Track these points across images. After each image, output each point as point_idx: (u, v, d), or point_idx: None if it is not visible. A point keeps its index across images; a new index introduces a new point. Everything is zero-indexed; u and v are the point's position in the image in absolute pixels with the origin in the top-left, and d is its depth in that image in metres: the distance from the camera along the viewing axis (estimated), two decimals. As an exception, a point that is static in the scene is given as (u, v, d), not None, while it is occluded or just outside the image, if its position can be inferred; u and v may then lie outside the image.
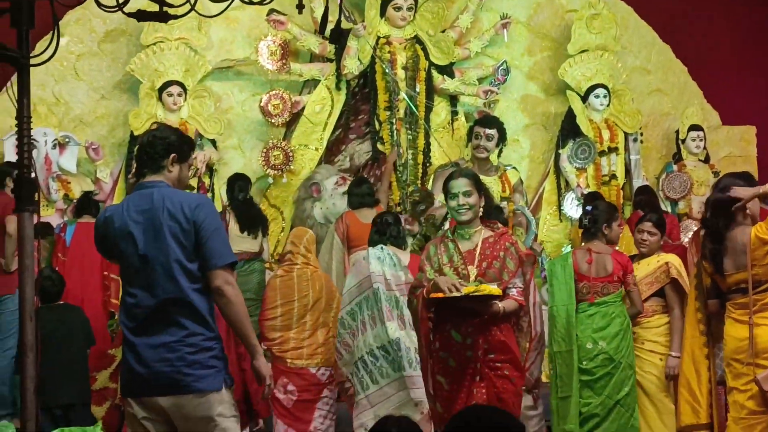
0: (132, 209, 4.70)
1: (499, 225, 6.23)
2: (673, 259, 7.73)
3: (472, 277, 5.88)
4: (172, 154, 4.75)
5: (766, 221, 6.06)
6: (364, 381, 7.39)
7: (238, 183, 10.07)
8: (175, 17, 4.42)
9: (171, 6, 4.43)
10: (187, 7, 4.24)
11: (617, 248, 8.18)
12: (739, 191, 6.18)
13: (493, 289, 5.72)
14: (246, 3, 4.36)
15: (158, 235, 4.63)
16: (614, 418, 7.36)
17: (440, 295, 5.76)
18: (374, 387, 7.35)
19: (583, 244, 7.88)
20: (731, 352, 6.24)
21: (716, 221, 6.25)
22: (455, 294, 5.71)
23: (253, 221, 9.93)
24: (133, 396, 4.71)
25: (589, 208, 7.94)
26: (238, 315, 4.71)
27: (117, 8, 4.21)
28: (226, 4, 4.35)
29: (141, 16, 4.41)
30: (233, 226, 9.81)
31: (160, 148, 4.74)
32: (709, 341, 6.58)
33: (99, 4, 4.30)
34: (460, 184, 5.93)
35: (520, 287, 5.94)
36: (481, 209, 6.03)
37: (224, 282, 4.66)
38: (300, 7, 4.51)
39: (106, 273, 9.32)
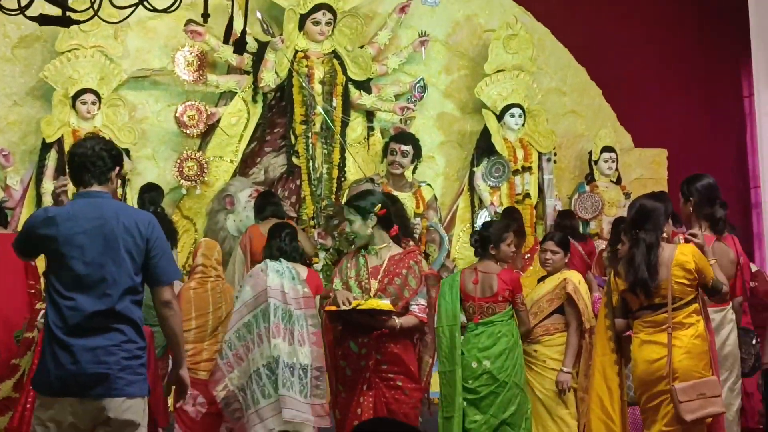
0: (80, 216, 4.85)
1: (411, 243, 6.31)
2: (573, 276, 7.79)
3: (373, 292, 6.00)
4: (117, 167, 5.01)
5: (699, 258, 6.24)
6: (255, 395, 7.33)
7: (150, 194, 9.97)
8: (78, 22, 4.39)
9: (74, 11, 4.40)
10: (91, 12, 4.20)
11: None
12: (701, 240, 6.34)
13: (382, 304, 5.88)
14: (150, 10, 4.33)
15: (109, 246, 4.83)
16: None
17: (333, 307, 6.04)
18: (264, 402, 7.30)
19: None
20: (639, 373, 6.31)
21: (640, 238, 6.33)
22: (345, 307, 5.95)
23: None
24: (55, 395, 4.79)
25: (477, 227, 7.98)
26: (179, 326, 5.09)
27: (18, 11, 4.16)
28: (131, 10, 4.32)
29: (43, 20, 4.36)
30: None
31: (108, 160, 4.97)
32: (619, 359, 6.63)
33: (1, 7, 4.25)
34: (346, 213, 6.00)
35: (422, 304, 6.10)
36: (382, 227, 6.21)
37: (172, 296, 5.03)
38: (205, 16, 4.50)
39: (32, 282, 9.19)
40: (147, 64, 10.99)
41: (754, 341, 7.30)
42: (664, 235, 6.39)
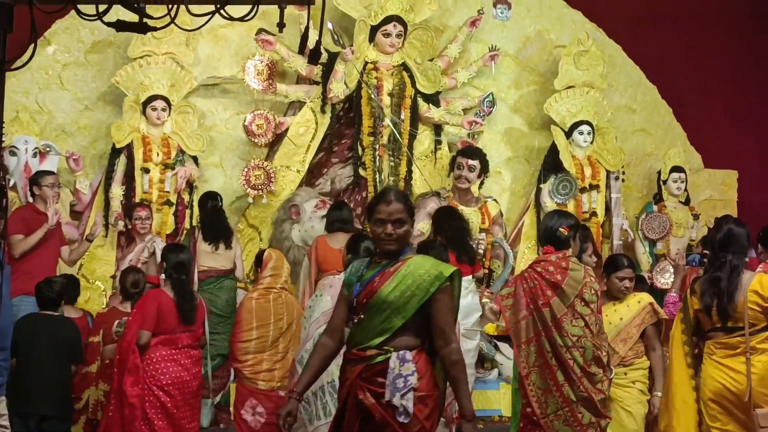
0: None
1: None
2: (650, 298, 7.67)
3: None
4: None
5: (760, 281, 6.18)
6: (318, 411, 7.23)
7: (209, 196, 10.12)
8: (155, 29, 4.41)
9: (151, 18, 4.41)
10: (168, 19, 4.21)
11: None
12: None
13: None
14: (226, 19, 4.33)
15: None
16: None
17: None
18: (324, 419, 7.17)
19: None
20: (710, 393, 6.25)
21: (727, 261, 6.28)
22: None
23: (215, 232, 9.85)
24: None
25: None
26: None
27: (96, 17, 4.18)
28: (207, 18, 4.33)
29: (120, 26, 4.37)
30: (200, 241, 9.81)
31: None
32: (695, 375, 6.57)
33: (79, 12, 4.26)
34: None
35: None
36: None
37: None
38: (281, 25, 4.50)
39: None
40: (217, 72, 11.08)
41: None
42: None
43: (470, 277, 9.05)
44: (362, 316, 4.99)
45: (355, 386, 4.94)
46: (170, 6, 4.22)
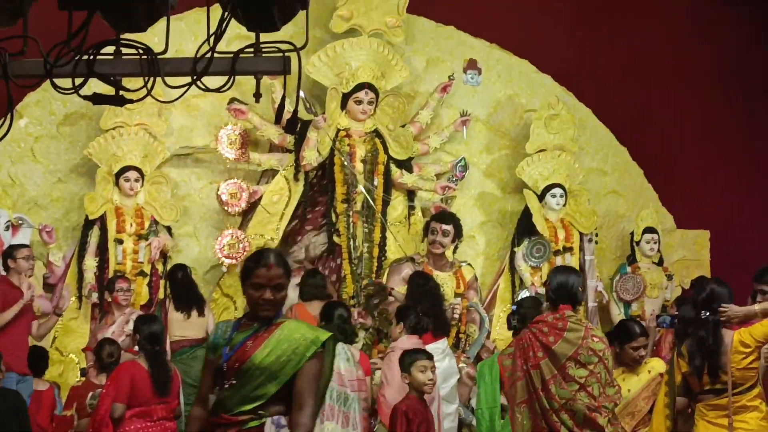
0: None
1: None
2: (662, 367, 7.49)
3: None
4: None
5: (750, 328, 6.28)
6: None
7: (179, 267, 10.13)
8: (131, 101, 4.39)
9: (128, 90, 4.41)
10: (144, 91, 4.21)
11: None
12: (733, 310, 6.32)
13: None
14: (203, 90, 4.33)
15: None
16: None
17: None
18: None
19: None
20: None
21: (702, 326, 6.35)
22: None
23: (187, 300, 9.84)
24: None
25: (514, 307, 7.79)
26: None
27: (73, 90, 4.17)
28: (183, 90, 4.32)
29: (97, 99, 4.36)
30: (171, 310, 9.78)
31: None
32: None
33: (54, 86, 4.26)
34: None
35: None
36: None
37: None
38: (257, 96, 4.50)
39: None
40: (190, 141, 11.09)
41: None
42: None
43: (444, 340, 9.06)
44: (234, 382, 4.76)
45: None
46: (147, 78, 4.22)
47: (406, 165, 11.22)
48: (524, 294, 11.15)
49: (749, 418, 6.26)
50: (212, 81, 4.45)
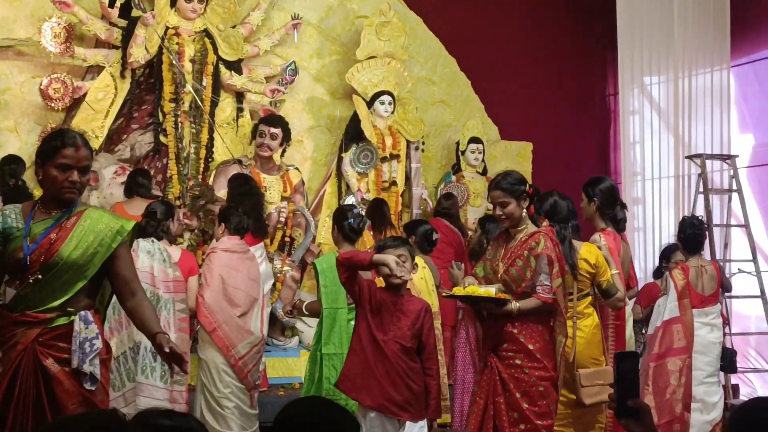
0: None
1: (545, 222, 6.24)
2: None
3: (499, 274, 6.09)
4: None
5: (596, 248, 6.69)
6: (122, 377, 7.21)
7: (10, 167, 9.72)
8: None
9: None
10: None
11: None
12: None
13: (482, 291, 5.90)
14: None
15: None
16: None
17: (444, 293, 6.32)
18: (129, 385, 7.20)
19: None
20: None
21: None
22: (445, 294, 6.27)
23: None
24: None
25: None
26: None
27: None
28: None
29: None
30: None
31: None
32: None
33: None
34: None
35: (546, 285, 5.94)
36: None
37: None
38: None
39: None
40: (12, 33, 10.70)
41: (643, 330, 7.81)
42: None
43: (261, 245, 9.11)
44: (39, 277, 4.55)
45: (32, 351, 4.52)
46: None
47: (235, 66, 11.12)
48: (350, 200, 11.26)
49: (584, 326, 6.62)
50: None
